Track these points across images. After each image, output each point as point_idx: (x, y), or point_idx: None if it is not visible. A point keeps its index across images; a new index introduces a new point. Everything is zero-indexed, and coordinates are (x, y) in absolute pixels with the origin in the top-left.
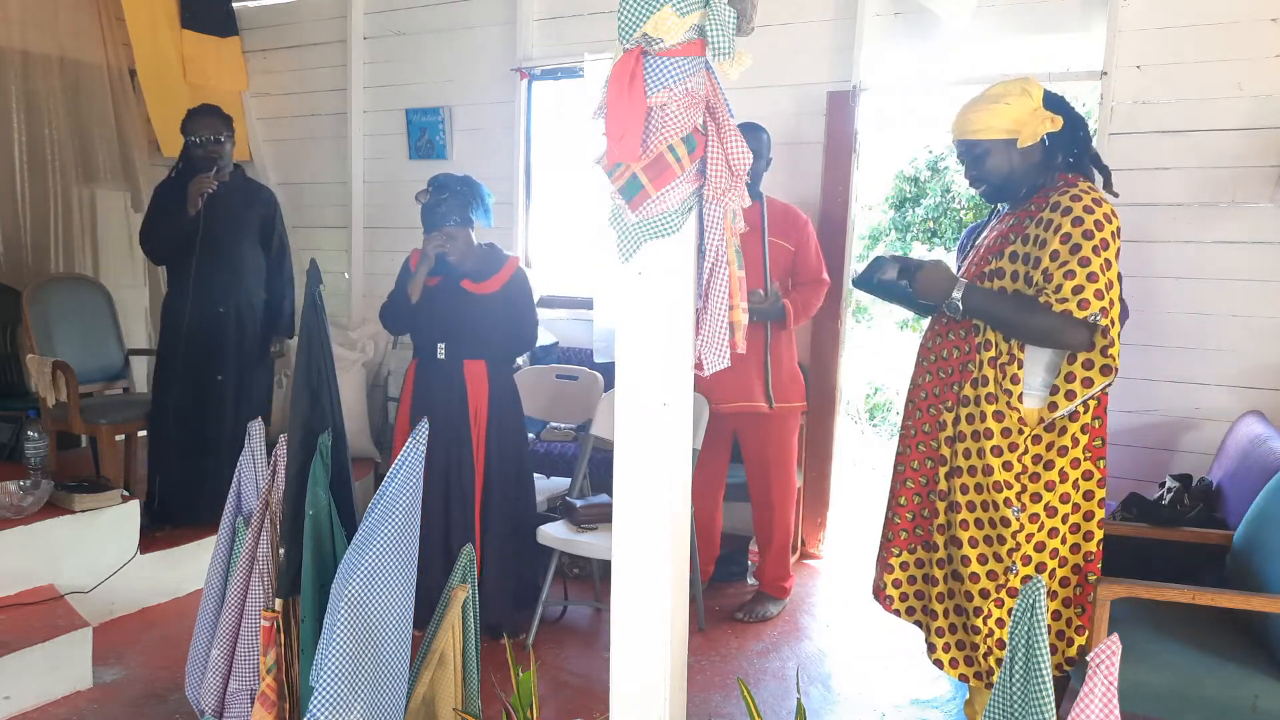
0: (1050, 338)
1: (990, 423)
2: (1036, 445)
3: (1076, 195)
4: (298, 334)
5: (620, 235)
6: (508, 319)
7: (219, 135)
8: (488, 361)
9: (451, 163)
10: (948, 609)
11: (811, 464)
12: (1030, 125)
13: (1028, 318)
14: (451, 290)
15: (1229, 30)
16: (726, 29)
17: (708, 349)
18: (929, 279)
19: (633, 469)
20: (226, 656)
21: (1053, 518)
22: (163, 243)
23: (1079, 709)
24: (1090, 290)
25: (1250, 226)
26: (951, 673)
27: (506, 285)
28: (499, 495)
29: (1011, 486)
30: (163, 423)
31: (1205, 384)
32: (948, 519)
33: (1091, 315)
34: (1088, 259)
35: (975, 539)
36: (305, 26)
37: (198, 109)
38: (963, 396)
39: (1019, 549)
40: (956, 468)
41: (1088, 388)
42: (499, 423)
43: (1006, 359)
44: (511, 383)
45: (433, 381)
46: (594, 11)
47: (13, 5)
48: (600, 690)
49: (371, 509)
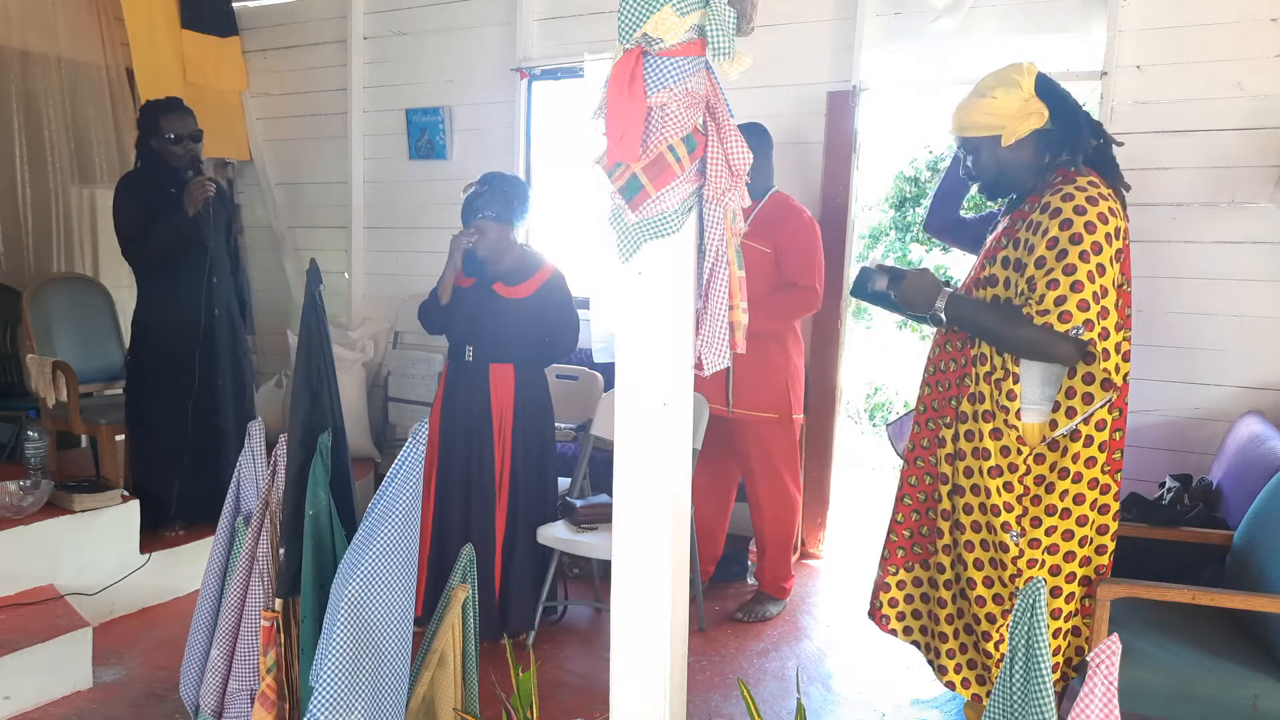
0: (1037, 351)
1: (987, 441)
2: (1040, 465)
3: (1068, 195)
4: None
5: (620, 235)
6: (540, 325)
7: (194, 133)
8: (516, 365)
9: (451, 163)
10: (958, 629)
11: (811, 464)
12: (1014, 123)
13: (1012, 330)
14: (483, 293)
15: (1229, 30)
16: (726, 29)
17: (708, 349)
18: (911, 289)
19: (633, 469)
20: (226, 656)
21: (1052, 536)
22: (159, 248)
23: (1079, 709)
24: (1073, 301)
25: (1250, 226)
26: (964, 693)
27: (540, 291)
28: (524, 500)
29: (1013, 509)
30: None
31: (1205, 384)
32: (953, 538)
33: (1074, 328)
34: (1073, 266)
35: (980, 561)
36: (305, 26)
37: (167, 103)
38: (960, 412)
39: (1021, 574)
40: (958, 486)
41: (1088, 404)
42: (524, 427)
43: (1001, 374)
44: (542, 387)
45: (460, 383)
46: (594, 11)
47: (12, 5)
48: (600, 690)
49: (371, 509)
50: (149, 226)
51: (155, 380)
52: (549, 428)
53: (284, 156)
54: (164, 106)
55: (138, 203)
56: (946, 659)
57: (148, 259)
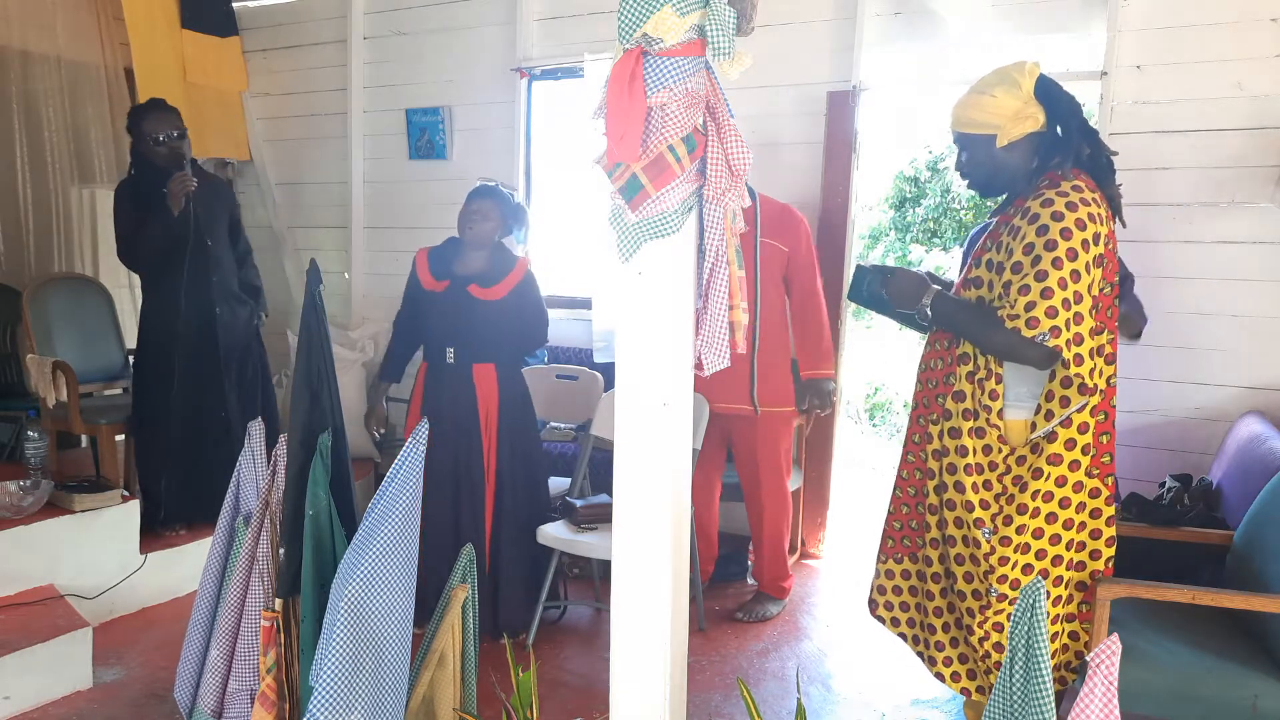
0: (1010, 353)
1: (967, 439)
2: (1019, 466)
3: (1048, 200)
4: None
5: (620, 235)
6: (517, 323)
7: (179, 130)
8: (497, 364)
9: (451, 163)
10: (947, 622)
11: (811, 464)
12: (1010, 124)
13: (987, 331)
14: (458, 295)
15: (1229, 30)
16: (726, 29)
17: (708, 349)
18: (899, 285)
19: (633, 469)
20: (226, 656)
21: (1023, 535)
22: (152, 248)
23: (1079, 709)
24: (1041, 308)
25: (1250, 226)
26: (954, 686)
27: (515, 289)
28: (510, 497)
29: (989, 507)
30: (160, 427)
31: (1205, 384)
32: (940, 532)
33: (1039, 335)
34: (1044, 273)
35: (961, 555)
36: (305, 26)
37: (148, 105)
38: (945, 409)
39: (994, 571)
40: (942, 482)
41: (1065, 407)
42: (510, 425)
43: (984, 374)
44: (523, 384)
45: (442, 385)
46: (594, 11)
47: (12, 5)
48: (600, 690)
49: (371, 509)
50: (139, 228)
51: (155, 379)
52: (533, 425)
53: (284, 156)
54: (144, 109)
55: (131, 206)
56: (935, 650)
57: (141, 259)
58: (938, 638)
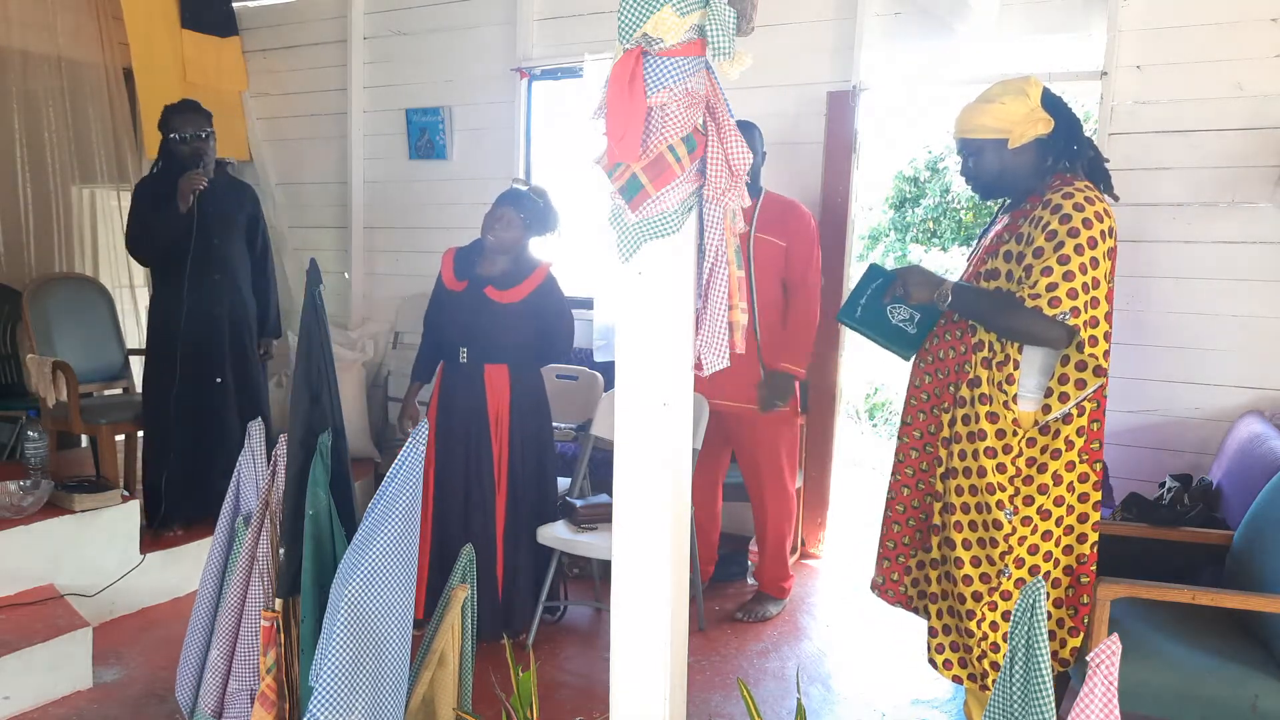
0: (1029, 334)
1: (984, 424)
2: (1031, 448)
3: (1068, 193)
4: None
5: (620, 235)
6: (534, 327)
7: (203, 131)
8: (510, 366)
9: (451, 163)
10: (941, 610)
11: (811, 464)
12: (1022, 127)
13: (1008, 313)
14: (475, 296)
15: (1229, 30)
16: (726, 29)
17: (708, 349)
18: (915, 276)
19: (633, 469)
20: (226, 656)
21: (1045, 520)
22: (155, 243)
23: (1079, 709)
24: (1064, 289)
25: (1250, 226)
26: (946, 674)
27: (533, 295)
28: (520, 498)
29: (1005, 489)
30: (162, 425)
31: (1205, 384)
32: (942, 520)
33: (1061, 314)
34: (1067, 257)
35: (969, 541)
36: (305, 26)
37: (178, 105)
38: (959, 397)
39: (1011, 552)
40: (951, 469)
41: (1080, 389)
42: (521, 427)
43: (1002, 358)
44: (539, 388)
45: (456, 385)
46: (594, 11)
47: (12, 5)
48: (600, 690)
49: (371, 509)
50: (146, 222)
51: (161, 374)
52: (546, 428)
53: (284, 156)
54: (176, 107)
55: (147, 201)
56: (930, 637)
57: (144, 252)
58: (932, 624)
